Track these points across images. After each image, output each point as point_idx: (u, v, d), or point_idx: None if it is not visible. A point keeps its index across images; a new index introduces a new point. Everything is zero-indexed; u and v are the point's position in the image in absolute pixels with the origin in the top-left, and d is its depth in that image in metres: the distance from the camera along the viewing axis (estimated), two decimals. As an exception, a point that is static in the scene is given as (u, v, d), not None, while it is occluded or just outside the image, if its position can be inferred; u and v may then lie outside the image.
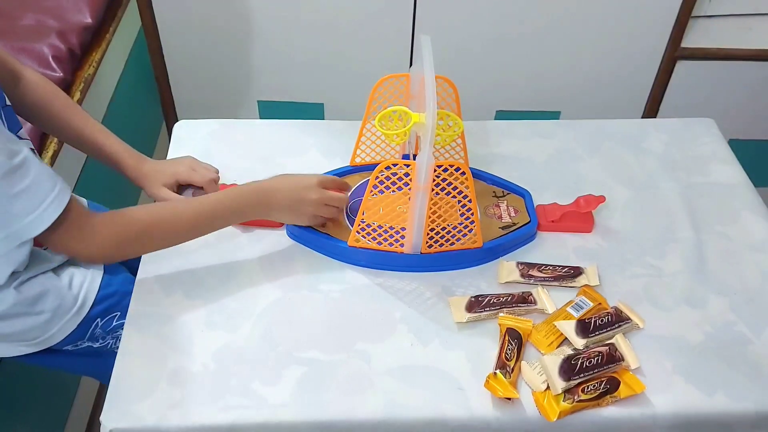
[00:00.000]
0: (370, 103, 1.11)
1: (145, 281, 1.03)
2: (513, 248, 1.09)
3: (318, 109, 1.93)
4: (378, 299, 1.02)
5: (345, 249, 1.06)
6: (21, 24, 1.53)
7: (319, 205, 1.05)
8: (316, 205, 1.05)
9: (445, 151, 1.18)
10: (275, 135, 1.30)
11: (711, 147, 1.29)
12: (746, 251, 1.10)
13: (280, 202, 1.03)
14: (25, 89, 1.07)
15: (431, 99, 0.92)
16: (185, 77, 1.90)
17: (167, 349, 0.95)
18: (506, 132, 1.31)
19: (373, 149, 1.19)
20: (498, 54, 1.79)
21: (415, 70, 1.05)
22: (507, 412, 0.89)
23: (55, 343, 1.05)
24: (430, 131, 0.92)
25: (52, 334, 1.03)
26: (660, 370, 0.93)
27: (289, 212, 1.05)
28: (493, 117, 1.91)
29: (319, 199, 1.04)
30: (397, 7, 1.70)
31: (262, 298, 1.01)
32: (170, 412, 0.88)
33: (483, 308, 0.99)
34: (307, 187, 1.04)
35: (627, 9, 1.70)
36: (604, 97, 1.87)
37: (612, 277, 1.05)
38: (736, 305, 1.02)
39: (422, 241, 1.02)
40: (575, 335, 0.94)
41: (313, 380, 0.92)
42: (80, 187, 1.46)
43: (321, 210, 1.06)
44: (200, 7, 1.74)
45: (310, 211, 1.05)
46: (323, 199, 1.05)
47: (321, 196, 1.05)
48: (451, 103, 1.11)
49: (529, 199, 1.15)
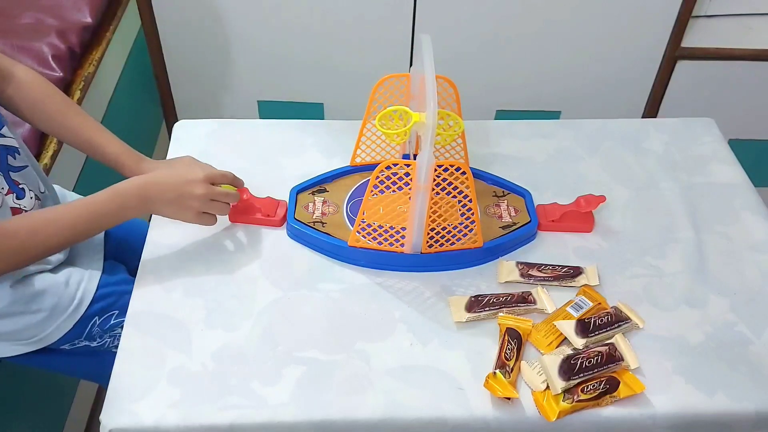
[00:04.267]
0: (371, 103, 1.10)
1: (145, 281, 1.03)
2: (513, 248, 1.09)
3: (318, 109, 1.93)
4: (378, 299, 1.02)
5: (345, 249, 1.05)
6: (20, 23, 1.53)
7: (204, 201, 1.00)
8: (201, 201, 1.00)
9: (445, 151, 1.18)
10: (275, 135, 1.29)
11: (711, 147, 1.29)
12: (746, 251, 1.10)
13: (162, 197, 0.99)
14: (18, 88, 1.05)
15: (432, 98, 0.92)
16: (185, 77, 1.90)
17: (167, 349, 0.95)
18: (506, 132, 1.31)
19: (373, 149, 1.19)
20: (498, 54, 1.79)
21: (415, 70, 1.05)
22: (506, 412, 0.89)
23: (51, 342, 1.04)
24: (430, 130, 0.91)
25: (48, 333, 1.03)
26: (660, 370, 0.93)
27: (172, 207, 1.00)
28: (494, 117, 1.91)
29: (205, 194, 1.00)
30: (397, 7, 1.70)
31: (262, 298, 1.01)
32: (170, 411, 0.88)
33: (483, 308, 0.98)
34: (191, 182, 0.99)
35: (627, 9, 1.70)
36: (605, 96, 1.88)
37: (612, 276, 1.05)
38: (737, 305, 1.02)
39: (422, 241, 1.02)
40: (575, 335, 0.94)
41: (313, 380, 0.91)
42: (80, 188, 1.46)
43: (207, 206, 1.02)
44: (200, 7, 1.74)
45: (195, 206, 1.00)
46: (209, 194, 1.00)
47: (206, 191, 1.00)
48: (452, 102, 1.10)
49: (529, 198, 1.15)
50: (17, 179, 1.00)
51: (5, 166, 0.98)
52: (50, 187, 1.11)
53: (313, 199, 1.14)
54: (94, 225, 0.97)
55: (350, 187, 1.16)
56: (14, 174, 0.99)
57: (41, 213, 0.95)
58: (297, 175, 1.18)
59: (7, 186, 0.98)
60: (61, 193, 1.17)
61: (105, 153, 1.09)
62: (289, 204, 1.13)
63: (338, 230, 1.09)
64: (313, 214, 1.11)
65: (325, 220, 1.10)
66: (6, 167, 0.98)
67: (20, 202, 0.99)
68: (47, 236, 0.93)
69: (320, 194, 1.15)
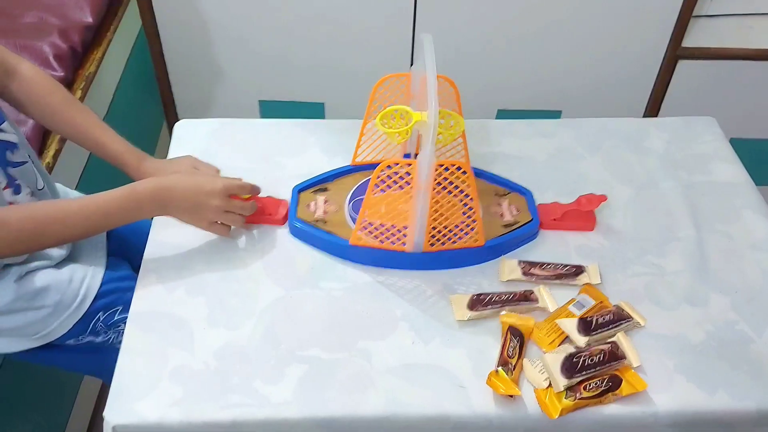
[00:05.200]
0: (371, 103, 1.11)
1: (148, 279, 1.03)
2: (515, 247, 1.09)
3: (319, 108, 1.93)
4: (379, 297, 1.02)
5: (347, 247, 1.06)
6: (22, 22, 1.53)
7: (219, 212, 1.02)
8: (216, 212, 1.01)
9: (446, 150, 1.18)
10: (276, 134, 1.30)
11: (712, 146, 1.29)
12: (747, 250, 1.10)
13: (178, 204, 1.00)
14: (21, 84, 1.05)
15: (433, 97, 0.92)
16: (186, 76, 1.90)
17: (169, 347, 0.95)
18: (507, 131, 1.31)
19: (374, 148, 1.19)
20: (499, 53, 1.79)
21: (416, 69, 1.05)
22: (509, 410, 0.89)
23: (55, 337, 1.05)
24: (432, 130, 0.91)
25: (52, 329, 1.03)
26: (661, 368, 0.93)
27: (187, 214, 1.02)
28: (495, 116, 1.91)
29: (221, 206, 1.01)
30: (398, 7, 1.71)
31: (264, 296, 1.01)
32: (172, 409, 0.88)
33: (485, 306, 0.99)
34: (209, 193, 1.00)
35: (628, 8, 1.70)
36: (606, 96, 1.88)
37: (613, 275, 1.05)
38: (738, 304, 1.02)
39: (424, 240, 1.02)
40: (577, 333, 0.94)
41: (315, 378, 0.92)
42: (82, 186, 1.47)
43: (222, 217, 1.03)
44: (201, 7, 1.74)
45: (210, 217, 1.02)
46: (225, 206, 1.01)
47: (222, 204, 1.01)
48: (452, 102, 1.10)
49: (530, 197, 1.15)
50: (14, 174, 1.00)
51: (3, 161, 0.99)
52: (51, 184, 1.11)
53: (315, 198, 1.14)
54: (105, 223, 0.98)
55: (351, 186, 1.16)
56: (12, 169, 1.00)
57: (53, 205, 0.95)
58: (298, 175, 1.18)
59: (5, 181, 0.98)
60: (63, 190, 1.17)
61: (108, 150, 1.10)
62: (291, 203, 1.13)
63: (340, 229, 1.09)
64: (314, 213, 1.12)
65: (327, 219, 1.11)
66: (5, 162, 0.99)
67: (16, 198, 0.99)
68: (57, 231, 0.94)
69: (322, 193, 1.16)
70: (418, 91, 1.04)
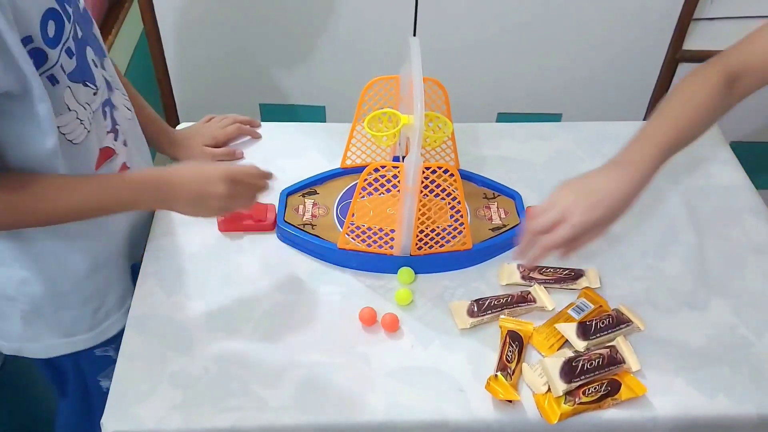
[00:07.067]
0: (360, 105, 1.10)
1: (146, 284, 1.04)
2: (503, 250, 1.09)
3: (319, 111, 1.93)
4: (378, 302, 1.02)
5: (335, 251, 1.05)
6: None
7: (226, 199, 0.95)
8: (223, 199, 0.94)
9: (435, 153, 1.18)
10: (275, 137, 1.30)
11: (712, 149, 1.29)
12: (748, 254, 1.10)
13: (181, 198, 0.94)
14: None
15: (419, 100, 0.92)
16: (187, 80, 1.90)
17: (168, 352, 0.95)
18: (506, 134, 1.31)
19: (363, 151, 1.19)
20: (499, 57, 1.79)
21: (404, 72, 1.05)
22: (508, 414, 0.89)
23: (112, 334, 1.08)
24: (417, 133, 0.92)
25: (111, 323, 1.08)
26: (661, 372, 0.93)
27: (192, 207, 0.96)
28: (495, 119, 1.91)
29: (227, 193, 0.94)
30: (399, 10, 1.71)
31: (263, 301, 1.01)
32: (171, 414, 0.88)
33: (484, 312, 0.98)
34: (213, 182, 0.94)
35: (629, 11, 1.70)
36: (606, 99, 1.87)
37: (613, 279, 1.05)
38: (738, 308, 1.02)
39: (411, 243, 1.02)
40: (576, 337, 0.94)
41: (314, 383, 0.92)
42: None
43: (230, 203, 0.96)
44: (202, 10, 1.74)
45: (217, 205, 0.95)
46: (232, 192, 0.95)
47: (228, 190, 0.94)
48: (441, 105, 1.10)
49: (519, 200, 1.15)
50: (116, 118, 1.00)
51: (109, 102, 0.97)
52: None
53: (303, 201, 1.14)
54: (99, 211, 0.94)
55: (340, 189, 1.16)
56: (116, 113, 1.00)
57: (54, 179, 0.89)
58: (297, 177, 1.18)
59: (110, 124, 0.97)
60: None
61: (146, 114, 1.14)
62: (279, 206, 1.13)
63: (328, 232, 1.08)
64: (303, 217, 1.11)
65: (315, 222, 1.10)
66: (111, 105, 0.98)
67: (115, 144, 0.99)
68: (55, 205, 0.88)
69: (310, 196, 1.15)
70: (406, 94, 1.03)
